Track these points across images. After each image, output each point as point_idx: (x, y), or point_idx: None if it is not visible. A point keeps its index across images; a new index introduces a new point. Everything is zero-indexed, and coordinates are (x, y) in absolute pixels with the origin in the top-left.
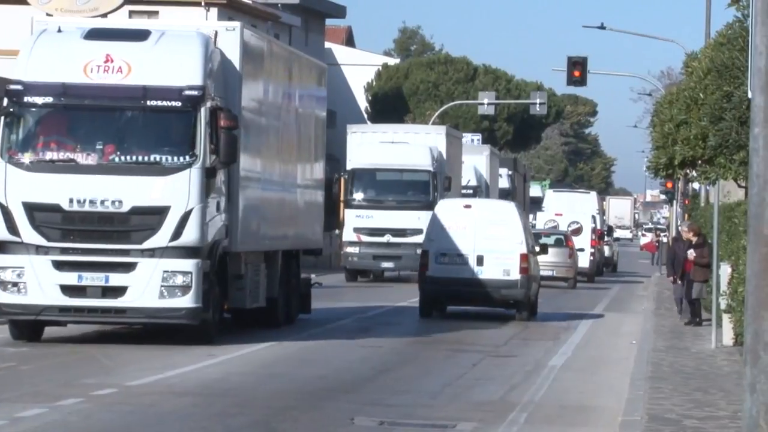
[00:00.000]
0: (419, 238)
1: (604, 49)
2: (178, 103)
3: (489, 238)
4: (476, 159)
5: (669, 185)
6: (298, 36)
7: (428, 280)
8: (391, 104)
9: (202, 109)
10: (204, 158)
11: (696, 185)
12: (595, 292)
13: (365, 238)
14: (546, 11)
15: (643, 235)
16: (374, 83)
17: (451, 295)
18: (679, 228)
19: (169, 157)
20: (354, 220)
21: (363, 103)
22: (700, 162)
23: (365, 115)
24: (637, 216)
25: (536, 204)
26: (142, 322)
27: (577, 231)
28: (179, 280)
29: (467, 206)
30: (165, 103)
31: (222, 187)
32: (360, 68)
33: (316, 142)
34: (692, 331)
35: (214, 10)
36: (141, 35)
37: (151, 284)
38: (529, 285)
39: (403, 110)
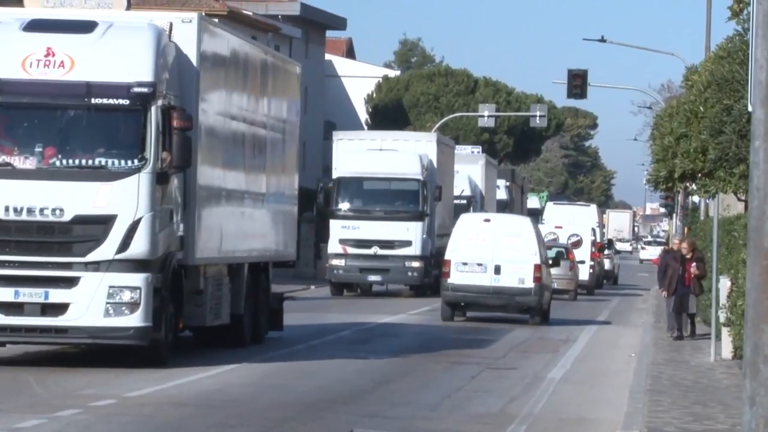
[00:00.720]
0: (408, 250)
1: (604, 62)
2: (126, 101)
3: (506, 249)
4: (471, 169)
5: (669, 198)
6: (298, 48)
7: (450, 287)
8: (391, 116)
9: (153, 108)
10: (155, 162)
11: (696, 198)
12: (595, 304)
13: (351, 250)
14: (546, 24)
15: (643, 248)
16: (374, 95)
17: (471, 301)
18: (672, 239)
19: (116, 161)
20: (339, 231)
21: (363, 115)
22: (700, 175)
23: (365, 127)
24: (637, 229)
25: (534, 216)
26: (86, 343)
27: (577, 243)
28: (127, 296)
29: (487, 220)
30: (111, 101)
31: (176, 195)
32: (360, 80)
33: (289, 148)
34: (691, 344)
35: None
36: (86, 27)
37: (96, 301)
38: (541, 293)
39: (404, 122)
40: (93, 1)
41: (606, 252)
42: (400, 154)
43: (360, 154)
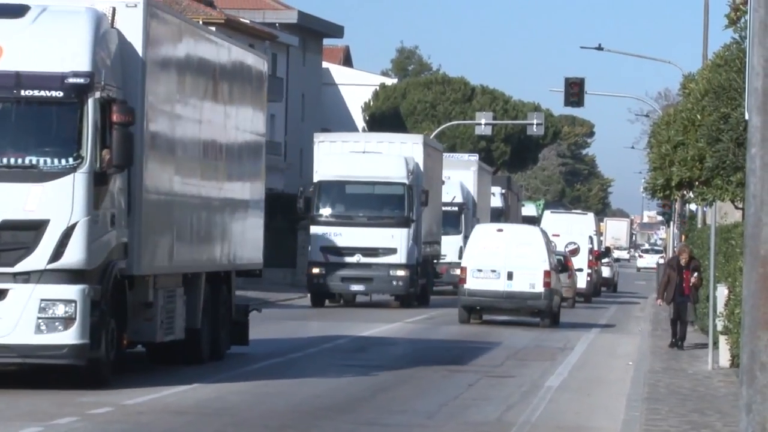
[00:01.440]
0: (393, 258)
1: (601, 70)
2: (60, 93)
3: (518, 256)
4: (463, 175)
5: (666, 206)
6: (295, 56)
7: (466, 292)
8: (388, 124)
9: (90, 101)
10: (92, 161)
11: (693, 206)
12: (593, 312)
13: (333, 258)
14: (543, 32)
15: (640, 256)
16: (372, 103)
17: (486, 305)
18: (679, 249)
19: (49, 160)
20: (320, 238)
21: (360, 122)
22: (697, 183)
23: None
24: (634, 237)
25: (529, 223)
26: (15, 362)
27: (575, 252)
28: (60, 310)
29: (500, 230)
30: (43, 92)
31: (119, 197)
32: (357, 88)
33: (254, 150)
34: (689, 353)
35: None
36: (16, 11)
37: (26, 316)
38: (551, 297)
39: (401, 130)
40: None
41: (606, 260)
42: (385, 157)
43: (342, 156)
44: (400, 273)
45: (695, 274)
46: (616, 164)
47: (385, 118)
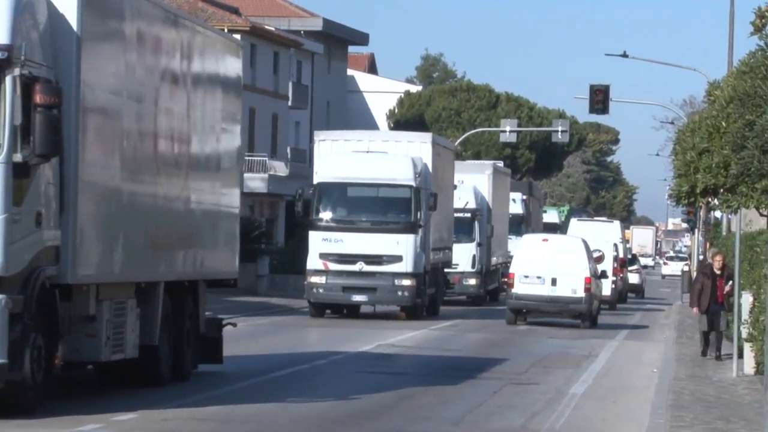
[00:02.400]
0: (398, 267)
1: (626, 77)
2: None
3: (561, 264)
4: (477, 179)
5: (691, 213)
6: (320, 63)
7: (514, 296)
8: (413, 131)
9: (8, 79)
10: (10, 149)
11: (718, 214)
12: (618, 319)
13: (333, 266)
14: (569, 39)
15: (665, 263)
16: (396, 110)
17: (531, 308)
18: (712, 255)
19: None
20: (320, 245)
21: (385, 130)
22: (722, 190)
23: None
24: (659, 244)
25: (552, 230)
26: None
27: (600, 259)
28: None
29: (545, 240)
30: None
31: (48, 192)
32: (382, 95)
33: (226, 145)
34: (713, 360)
35: (237, 37)
36: None
37: None
38: (591, 301)
39: None
40: None
41: (634, 267)
42: (390, 157)
43: (344, 156)
44: (406, 282)
45: (729, 283)
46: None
47: (409, 125)
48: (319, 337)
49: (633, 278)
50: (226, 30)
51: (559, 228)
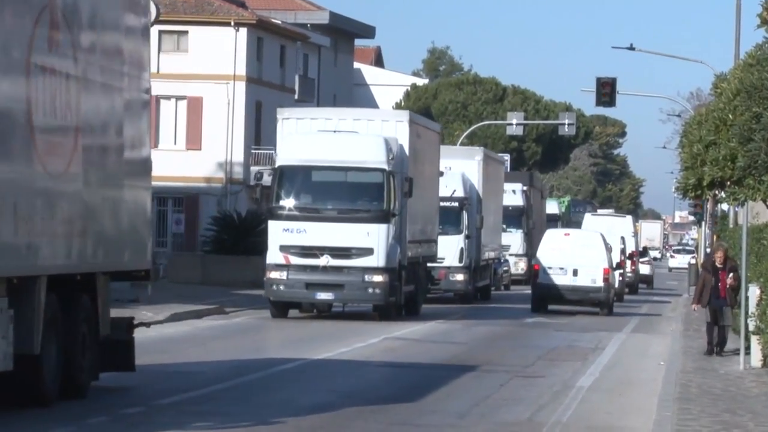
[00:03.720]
0: (369, 261)
1: (633, 70)
2: None
3: (582, 256)
4: (465, 165)
5: (698, 206)
6: (327, 56)
7: (539, 286)
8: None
9: None
10: None
11: (725, 206)
12: (625, 311)
13: (295, 260)
14: (575, 32)
15: (672, 256)
16: (403, 103)
17: (555, 296)
18: (713, 249)
19: None
20: (280, 236)
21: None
22: (729, 183)
23: None
24: (667, 237)
25: (552, 222)
26: None
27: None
28: None
29: (566, 234)
30: None
31: None
32: (389, 88)
33: (127, 97)
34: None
35: (243, 30)
36: None
37: None
38: (609, 290)
39: None
40: None
41: (645, 258)
42: (361, 137)
43: (308, 136)
44: (378, 278)
45: (731, 275)
46: (648, 164)
47: None
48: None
49: (644, 269)
50: (232, 23)
51: (560, 219)
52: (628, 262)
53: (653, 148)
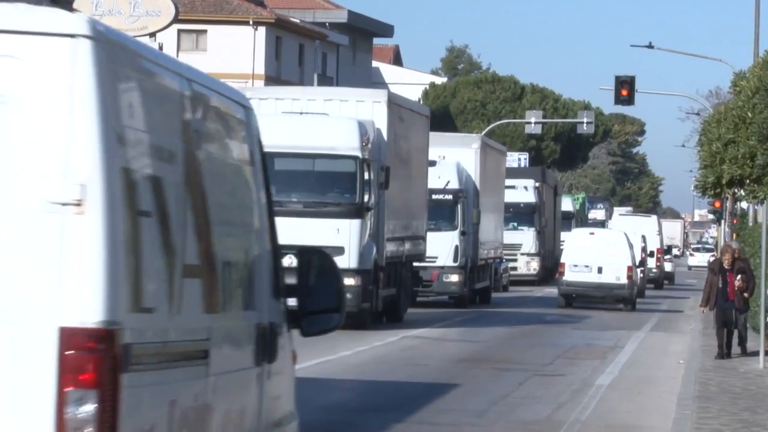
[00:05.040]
0: (339, 261)
1: (652, 69)
2: None
3: (606, 255)
4: (461, 154)
5: (717, 204)
6: (345, 55)
7: (565, 283)
8: (438, 123)
9: None
10: None
11: (744, 204)
12: (644, 308)
13: None
14: (594, 30)
15: (691, 254)
16: (421, 102)
17: (580, 293)
18: (721, 250)
19: None
20: None
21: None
22: (748, 181)
23: None
24: (687, 236)
25: (566, 219)
26: None
27: None
28: None
29: (592, 233)
30: None
31: None
32: (407, 87)
33: None
34: (738, 355)
35: (262, 29)
36: None
37: None
38: (632, 287)
39: (450, 129)
40: (141, 9)
41: (668, 256)
42: (331, 120)
43: (271, 119)
44: (348, 282)
45: (739, 277)
46: (667, 163)
47: (434, 117)
48: None
49: (667, 267)
50: (251, 22)
51: (574, 217)
52: (654, 259)
53: (672, 146)
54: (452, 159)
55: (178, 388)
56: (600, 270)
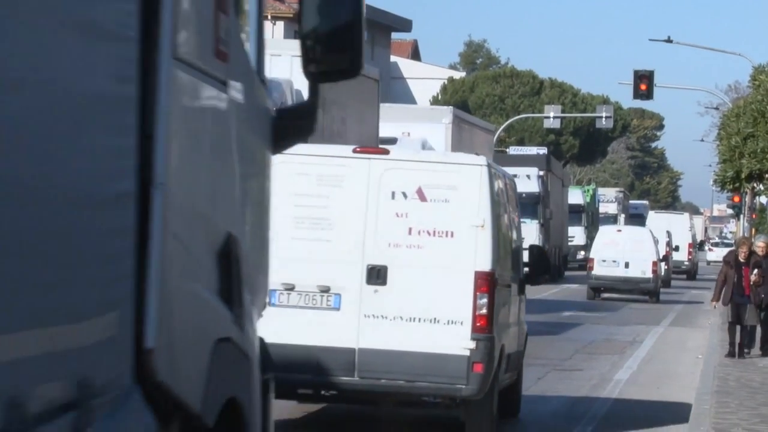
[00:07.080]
0: None
1: (670, 63)
2: None
3: (632, 250)
4: (429, 129)
5: (736, 199)
6: (364, 49)
7: (593, 277)
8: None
9: None
10: None
11: (763, 199)
12: (663, 304)
13: None
14: (612, 24)
15: (710, 249)
16: (440, 97)
17: (608, 286)
18: (756, 241)
19: None
20: None
21: None
22: (767, 175)
23: None
24: (707, 231)
25: (576, 212)
26: None
27: None
28: None
29: (619, 230)
30: None
31: None
32: (426, 82)
33: None
34: (758, 347)
35: (280, 24)
36: None
37: None
38: (657, 281)
39: None
40: None
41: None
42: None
43: None
44: None
45: (755, 271)
46: (686, 157)
47: None
48: None
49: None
50: (269, 17)
51: (584, 210)
52: (686, 253)
53: (691, 141)
54: (418, 135)
55: (505, 296)
56: (627, 264)
